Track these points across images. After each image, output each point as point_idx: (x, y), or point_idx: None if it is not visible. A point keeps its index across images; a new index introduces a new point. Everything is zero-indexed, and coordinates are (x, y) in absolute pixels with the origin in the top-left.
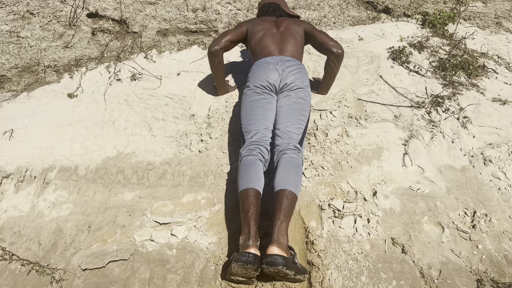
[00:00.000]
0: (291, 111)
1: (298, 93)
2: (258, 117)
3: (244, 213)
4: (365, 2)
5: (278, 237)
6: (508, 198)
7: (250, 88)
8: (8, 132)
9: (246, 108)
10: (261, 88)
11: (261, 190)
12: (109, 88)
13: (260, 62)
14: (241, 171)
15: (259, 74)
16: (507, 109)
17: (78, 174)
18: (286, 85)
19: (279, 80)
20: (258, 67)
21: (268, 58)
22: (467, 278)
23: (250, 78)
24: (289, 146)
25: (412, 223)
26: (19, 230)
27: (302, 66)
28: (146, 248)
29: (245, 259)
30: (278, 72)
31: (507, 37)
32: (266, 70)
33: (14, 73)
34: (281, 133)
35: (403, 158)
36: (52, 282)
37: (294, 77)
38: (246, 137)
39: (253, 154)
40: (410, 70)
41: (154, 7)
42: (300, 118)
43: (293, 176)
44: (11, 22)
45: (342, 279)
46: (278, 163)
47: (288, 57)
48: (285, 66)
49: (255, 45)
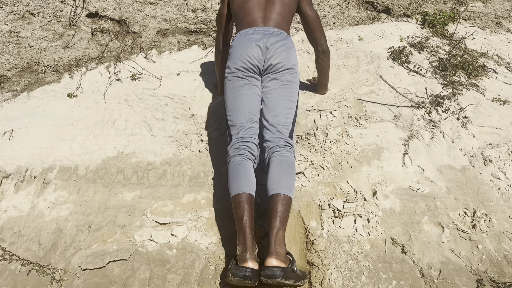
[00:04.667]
0: (278, 98)
1: (284, 75)
2: (244, 107)
3: (239, 221)
4: (365, 2)
5: (275, 248)
6: (508, 198)
7: (231, 71)
8: (8, 132)
9: (229, 97)
10: (243, 71)
11: (254, 192)
12: (109, 88)
13: (241, 36)
14: (231, 174)
15: (240, 53)
16: (507, 109)
17: (78, 174)
18: (271, 66)
19: (263, 60)
20: (239, 43)
21: (250, 30)
22: (467, 278)
23: (231, 57)
24: (280, 142)
25: (412, 223)
26: (19, 230)
27: (288, 40)
28: (146, 248)
29: (242, 274)
30: (261, 51)
31: (507, 37)
32: (247, 48)
33: (14, 73)
34: (270, 127)
35: (403, 158)
36: (52, 282)
37: (280, 57)
38: (232, 133)
39: (240, 153)
40: (410, 70)
41: (154, 7)
42: (289, 106)
43: (286, 178)
44: (11, 22)
45: (342, 279)
46: (269, 162)
47: (272, 29)
48: (269, 42)
49: (237, 9)
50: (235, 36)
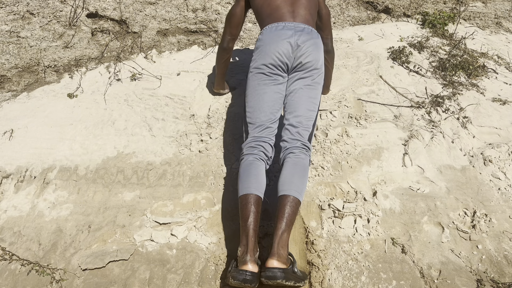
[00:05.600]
0: (302, 99)
1: (313, 75)
2: (265, 106)
3: (243, 222)
4: (365, 2)
5: (278, 249)
6: (508, 198)
7: (257, 67)
8: (8, 132)
9: (252, 93)
10: (271, 68)
11: (262, 194)
12: (109, 88)
13: (270, 31)
14: (241, 173)
15: (269, 49)
16: (507, 109)
17: (78, 174)
18: (300, 64)
19: (293, 57)
20: (269, 38)
21: (280, 25)
22: (467, 278)
23: (259, 51)
24: (297, 144)
25: (412, 223)
26: (19, 230)
27: (318, 38)
28: (146, 248)
29: (242, 277)
30: (292, 48)
31: (507, 37)
32: (277, 44)
33: (14, 73)
34: (290, 127)
35: (403, 158)
36: (52, 282)
37: (311, 56)
38: (249, 130)
39: (254, 153)
40: (410, 70)
41: (154, 7)
42: (312, 108)
43: (298, 180)
44: (11, 22)
45: (342, 279)
46: (284, 162)
47: (303, 25)
48: (300, 40)
49: (262, 4)
50: (263, 30)
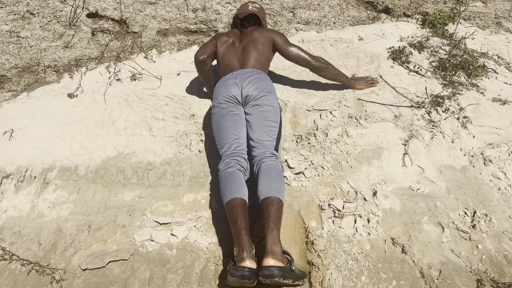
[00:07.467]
0: (260, 120)
1: (263, 100)
2: (228, 129)
3: (233, 224)
4: (365, 2)
5: (271, 247)
6: (508, 198)
7: (215, 106)
8: (8, 132)
9: (215, 126)
10: (225, 103)
11: (246, 198)
12: (109, 88)
13: (221, 81)
14: (223, 185)
15: (219, 91)
16: (507, 109)
17: (78, 174)
18: (248, 96)
19: (240, 92)
20: (219, 86)
21: (228, 75)
22: (467, 278)
23: (214, 97)
24: (265, 154)
25: (412, 223)
26: (19, 230)
27: (261, 74)
28: (146, 248)
29: (240, 274)
30: (237, 86)
31: (507, 37)
32: (226, 86)
33: (14, 73)
34: (255, 144)
35: (403, 158)
36: (52, 282)
37: (254, 87)
38: (221, 153)
39: (230, 165)
40: (410, 70)
41: (154, 7)
42: (271, 125)
43: (275, 183)
44: (11, 22)
45: (342, 279)
46: (258, 172)
47: (248, 69)
48: (243, 78)
49: (220, 61)
50: (218, 81)
